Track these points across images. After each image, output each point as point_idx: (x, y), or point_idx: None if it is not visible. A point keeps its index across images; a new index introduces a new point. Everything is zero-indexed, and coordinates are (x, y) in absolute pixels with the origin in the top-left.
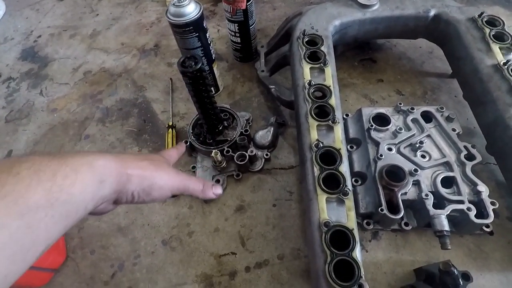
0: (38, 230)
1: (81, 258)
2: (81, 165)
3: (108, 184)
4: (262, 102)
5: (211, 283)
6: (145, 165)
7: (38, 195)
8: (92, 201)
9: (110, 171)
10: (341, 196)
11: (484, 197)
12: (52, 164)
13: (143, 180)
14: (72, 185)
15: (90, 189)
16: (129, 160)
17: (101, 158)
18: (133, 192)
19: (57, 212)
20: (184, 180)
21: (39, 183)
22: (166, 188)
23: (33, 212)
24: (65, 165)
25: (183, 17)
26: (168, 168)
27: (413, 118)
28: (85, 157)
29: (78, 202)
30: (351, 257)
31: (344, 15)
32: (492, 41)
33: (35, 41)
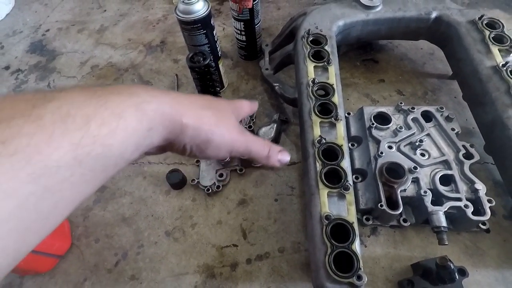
0: (61, 193)
1: (86, 246)
2: (126, 108)
3: (157, 132)
4: (266, 100)
5: (212, 274)
6: (205, 116)
7: (63, 150)
8: (136, 151)
9: (162, 118)
10: (342, 190)
11: (481, 195)
12: (87, 106)
13: (199, 133)
14: (111, 134)
15: (134, 139)
16: (188, 106)
17: (153, 100)
18: (186, 145)
19: (88, 168)
20: (248, 141)
21: (65, 134)
22: (224, 147)
23: (52, 173)
24: (104, 107)
25: (191, 15)
26: (232, 124)
27: (413, 118)
28: (133, 96)
29: (118, 155)
30: (350, 249)
31: (347, 15)
32: (492, 43)
33: (43, 34)
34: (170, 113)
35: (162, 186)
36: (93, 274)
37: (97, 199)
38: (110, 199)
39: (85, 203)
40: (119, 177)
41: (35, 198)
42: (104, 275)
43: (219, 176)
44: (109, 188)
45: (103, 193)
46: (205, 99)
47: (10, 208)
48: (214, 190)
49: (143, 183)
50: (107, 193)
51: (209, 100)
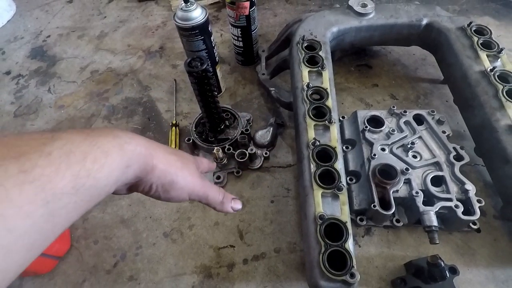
0: (60, 218)
1: (85, 247)
2: (112, 148)
3: (132, 170)
4: (262, 104)
5: (209, 274)
6: (172, 160)
7: (66, 180)
8: (114, 185)
9: (138, 157)
10: (336, 191)
11: (471, 195)
12: (84, 145)
13: (166, 175)
14: (100, 169)
15: (116, 173)
16: (158, 150)
17: (132, 142)
18: (152, 184)
19: (81, 198)
20: (206, 187)
21: (68, 167)
22: (185, 190)
23: (58, 199)
24: (97, 146)
25: (189, 21)
26: (194, 170)
27: (405, 121)
28: (117, 138)
29: (103, 187)
30: (343, 248)
31: (341, 22)
32: (480, 49)
33: (44, 40)
34: (144, 154)
35: None
36: (92, 275)
37: None
38: (109, 201)
39: None
40: None
41: (43, 220)
42: (103, 276)
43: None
44: None
45: None
46: (171, 148)
47: (27, 227)
48: None
49: None
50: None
51: (174, 149)
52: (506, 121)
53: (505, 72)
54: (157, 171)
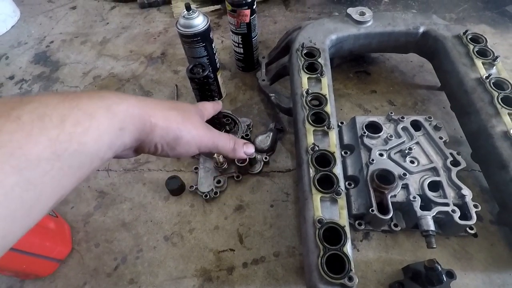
0: (43, 185)
1: (86, 250)
2: (98, 109)
3: (128, 132)
4: (262, 109)
5: (209, 277)
6: (172, 116)
7: (41, 145)
8: (109, 150)
9: (132, 118)
10: (334, 195)
11: (468, 200)
12: (61, 107)
13: (168, 132)
14: (84, 132)
15: (107, 137)
16: (155, 108)
17: (122, 102)
18: (156, 144)
19: (66, 164)
20: (214, 137)
21: (42, 131)
22: (193, 144)
23: (34, 166)
24: (77, 108)
25: (191, 28)
26: (198, 122)
27: (403, 127)
28: (103, 99)
29: (93, 152)
30: (342, 252)
31: (340, 30)
32: (476, 57)
33: (47, 46)
34: (139, 113)
35: (161, 192)
36: (93, 278)
37: (98, 205)
38: (111, 205)
39: (85, 208)
40: (119, 183)
41: (19, 189)
42: (103, 279)
43: (216, 183)
44: (110, 194)
45: (103, 199)
46: (170, 102)
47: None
48: (212, 196)
49: (142, 189)
50: (107, 199)
51: (174, 102)
52: (501, 128)
53: (500, 80)
54: (158, 130)
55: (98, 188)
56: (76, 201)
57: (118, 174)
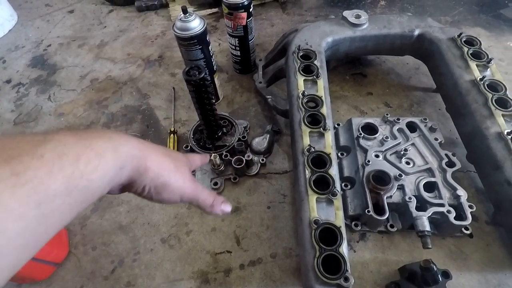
0: (53, 218)
1: (83, 253)
2: (106, 150)
3: (126, 172)
4: (259, 111)
5: (206, 279)
6: (166, 163)
7: (58, 182)
8: (108, 186)
9: (132, 159)
10: (330, 196)
11: (463, 201)
12: (77, 146)
13: (159, 177)
14: (94, 171)
15: (110, 174)
16: (151, 152)
17: (126, 144)
18: (145, 185)
19: (74, 198)
20: (197, 190)
21: (61, 169)
22: (177, 192)
23: (50, 200)
24: (90, 148)
25: (188, 31)
26: (187, 173)
27: (399, 128)
28: (111, 140)
29: (96, 188)
30: (338, 252)
31: (336, 32)
32: (470, 59)
33: (44, 49)
34: (138, 155)
35: None
36: (90, 281)
37: (95, 208)
38: (108, 207)
39: (83, 211)
40: None
41: (36, 221)
42: (100, 282)
43: (213, 185)
44: (107, 197)
45: (100, 202)
46: (165, 148)
47: (19, 229)
48: None
49: None
50: (104, 202)
51: (167, 150)
52: (495, 129)
53: (494, 81)
54: (151, 173)
55: None
56: None
57: None
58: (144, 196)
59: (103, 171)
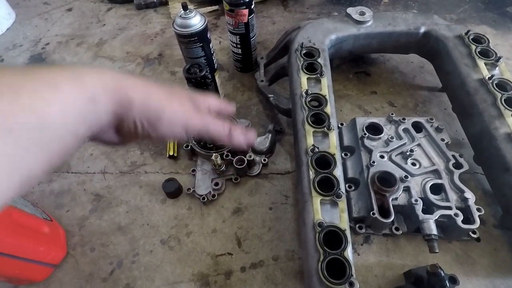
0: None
1: (81, 255)
2: (63, 80)
3: (103, 105)
4: (261, 111)
5: (207, 282)
6: (154, 91)
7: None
8: (82, 125)
9: (105, 90)
10: (335, 198)
11: (471, 204)
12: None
13: (149, 108)
14: (47, 105)
15: (75, 110)
16: (134, 82)
17: (92, 73)
18: (136, 120)
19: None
20: (205, 119)
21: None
22: (178, 123)
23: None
24: (38, 80)
25: (188, 28)
26: (185, 101)
27: (404, 128)
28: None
29: (60, 126)
30: (343, 256)
31: (339, 30)
32: (478, 57)
33: (43, 48)
34: (113, 85)
35: (158, 195)
36: (88, 283)
37: (93, 208)
38: (106, 208)
39: (81, 212)
40: (115, 186)
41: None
42: (98, 284)
43: (214, 185)
44: (106, 197)
45: (99, 202)
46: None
47: None
48: (210, 199)
49: (139, 192)
50: (103, 202)
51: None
52: (505, 129)
53: (503, 80)
54: (137, 105)
55: (94, 191)
56: (71, 205)
57: (114, 177)
58: (142, 134)
59: (61, 105)
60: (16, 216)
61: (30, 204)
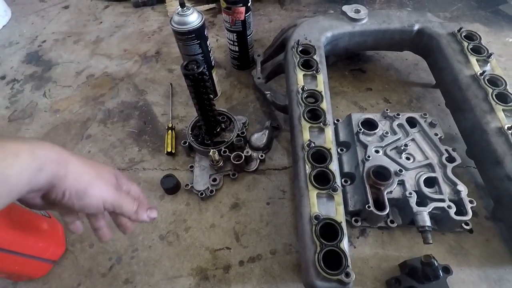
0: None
1: (80, 251)
2: (23, 150)
3: (45, 174)
4: (258, 107)
5: (206, 276)
6: (86, 169)
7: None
8: (27, 186)
9: (50, 162)
10: (331, 191)
11: (463, 196)
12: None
13: (79, 182)
14: (9, 167)
15: (27, 174)
16: (73, 158)
17: (45, 148)
18: (65, 190)
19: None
20: (119, 197)
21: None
22: (99, 198)
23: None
24: (5, 148)
25: (186, 25)
26: (109, 182)
27: (398, 123)
28: (27, 143)
29: (13, 185)
30: (339, 248)
31: (335, 27)
32: (470, 54)
33: (39, 45)
34: (58, 159)
35: (157, 191)
36: (87, 279)
37: None
38: None
39: None
40: None
41: None
42: (98, 279)
43: (212, 181)
44: None
45: None
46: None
47: None
48: (208, 194)
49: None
50: None
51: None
52: (496, 124)
53: (494, 76)
54: (70, 177)
55: None
56: None
57: None
58: (65, 202)
59: (19, 168)
60: (15, 212)
61: None
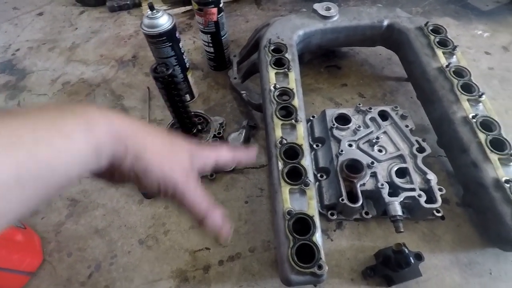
0: None
1: (58, 261)
2: (76, 131)
3: (104, 155)
4: (235, 107)
5: (186, 278)
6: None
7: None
8: (84, 171)
9: (109, 138)
10: (303, 187)
11: (433, 185)
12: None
13: (138, 164)
14: (57, 157)
15: (79, 159)
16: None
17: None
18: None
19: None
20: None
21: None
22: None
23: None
24: (55, 129)
25: (156, 28)
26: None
27: (371, 117)
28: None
29: (62, 174)
30: (311, 241)
31: (307, 25)
32: (436, 47)
33: (13, 54)
34: (116, 135)
35: (135, 196)
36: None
37: (70, 213)
38: (83, 212)
39: (56, 218)
40: (91, 190)
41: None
42: None
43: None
44: (82, 201)
45: (75, 207)
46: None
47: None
48: None
49: (115, 194)
50: (79, 207)
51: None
52: (461, 113)
53: (460, 68)
54: (130, 157)
55: (70, 196)
56: (47, 211)
57: (90, 181)
58: (127, 180)
59: (70, 156)
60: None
61: None
